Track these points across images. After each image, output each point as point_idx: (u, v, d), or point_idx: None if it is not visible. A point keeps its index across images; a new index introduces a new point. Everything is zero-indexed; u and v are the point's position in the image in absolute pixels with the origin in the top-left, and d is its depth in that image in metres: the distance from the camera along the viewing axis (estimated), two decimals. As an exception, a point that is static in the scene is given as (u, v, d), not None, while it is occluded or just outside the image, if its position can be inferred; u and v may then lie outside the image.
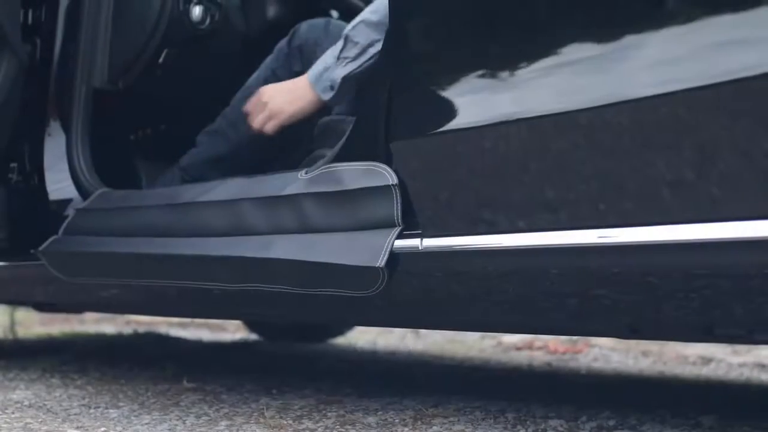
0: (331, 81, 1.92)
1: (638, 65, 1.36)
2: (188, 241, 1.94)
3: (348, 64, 1.88)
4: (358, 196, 1.65)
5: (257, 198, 1.84)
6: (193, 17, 2.38)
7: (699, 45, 1.29)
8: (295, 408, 2.00)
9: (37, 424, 1.82)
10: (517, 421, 1.83)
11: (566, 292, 1.59)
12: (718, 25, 1.28)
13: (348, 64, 1.88)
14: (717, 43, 1.28)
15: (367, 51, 1.85)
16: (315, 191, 1.71)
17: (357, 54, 1.86)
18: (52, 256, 2.20)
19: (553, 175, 1.46)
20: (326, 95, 1.95)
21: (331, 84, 1.93)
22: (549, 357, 3.39)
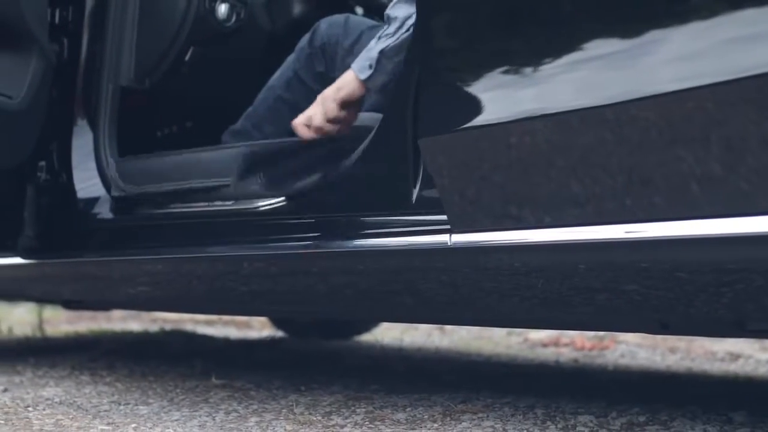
0: (369, 59, 1.85)
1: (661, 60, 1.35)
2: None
3: (387, 39, 1.82)
4: None
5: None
6: (219, 15, 2.39)
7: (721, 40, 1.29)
8: (324, 404, 2.01)
9: (68, 421, 1.83)
10: (546, 417, 1.83)
11: (595, 288, 1.58)
12: (741, 20, 1.27)
13: (387, 39, 1.82)
14: (739, 37, 1.27)
15: (405, 24, 1.80)
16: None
17: (396, 29, 1.81)
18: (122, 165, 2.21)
19: (580, 170, 1.46)
20: (364, 74, 1.86)
21: (369, 63, 1.85)
22: (575, 353, 3.38)
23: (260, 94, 2.28)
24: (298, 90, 2.20)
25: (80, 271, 2.41)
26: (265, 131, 2.23)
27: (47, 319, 4.24)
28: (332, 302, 2.06)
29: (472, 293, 1.76)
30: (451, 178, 1.59)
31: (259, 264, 2.02)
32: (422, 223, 1.66)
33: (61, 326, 4.53)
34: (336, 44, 2.14)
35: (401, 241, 1.72)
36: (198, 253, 2.10)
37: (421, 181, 1.65)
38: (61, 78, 2.33)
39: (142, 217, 2.21)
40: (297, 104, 2.19)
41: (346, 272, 1.88)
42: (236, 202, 2.00)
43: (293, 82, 2.19)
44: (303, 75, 2.19)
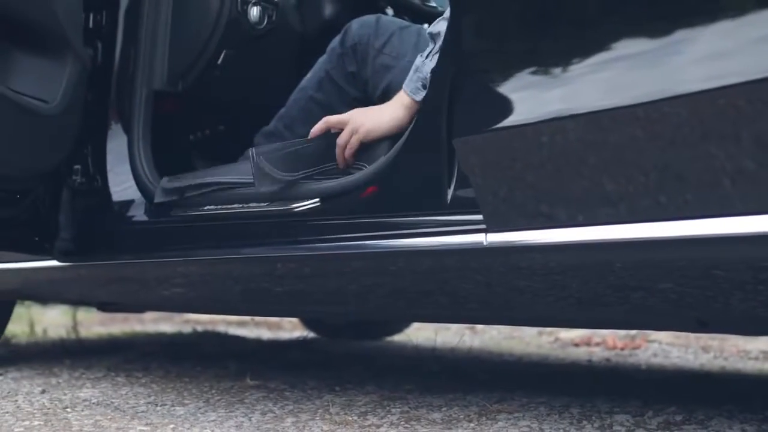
0: (421, 80, 1.82)
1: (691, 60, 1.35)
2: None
3: (435, 56, 1.78)
4: None
5: None
6: (251, 18, 2.40)
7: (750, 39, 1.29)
8: (359, 404, 2.01)
9: (106, 422, 1.85)
10: (582, 416, 1.83)
11: (631, 286, 1.58)
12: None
13: (435, 56, 1.78)
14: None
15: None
16: None
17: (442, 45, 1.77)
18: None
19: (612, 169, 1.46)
20: (419, 95, 1.83)
21: (422, 83, 1.82)
22: (607, 353, 3.37)
23: (292, 95, 2.29)
24: (330, 90, 2.21)
25: (115, 274, 2.43)
26: (297, 132, 2.24)
27: (80, 321, 4.28)
28: (366, 303, 2.06)
29: (506, 293, 1.76)
30: (486, 178, 1.59)
31: (292, 265, 2.03)
32: (457, 223, 1.66)
33: (94, 328, 4.58)
34: (367, 44, 2.15)
35: (436, 241, 1.72)
36: (232, 255, 2.12)
37: (455, 181, 1.65)
38: (95, 82, 2.35)
39: (176, 219, 2.23)
40: (329, 104, 2.21)
41: (380, 273, 1.89)
42: (270, 204, 2.01)
43: (325, 83, 2.20)
44: (334, 75, 2.20)
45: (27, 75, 2.09)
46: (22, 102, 2.02)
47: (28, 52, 2.10)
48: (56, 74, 2.12)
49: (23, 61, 2.10)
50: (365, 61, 2.13)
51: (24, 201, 2.28)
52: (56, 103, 2.11)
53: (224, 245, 2.14)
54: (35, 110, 2.06)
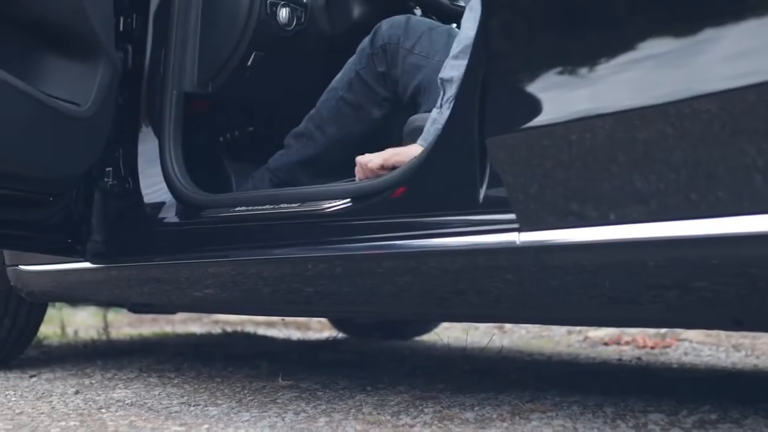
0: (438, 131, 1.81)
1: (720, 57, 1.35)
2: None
3: (450, 104, 1.80)
4: None
5: None
6: (280, 20, 2.41)
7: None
8: (392, 404, 2.02)
9: (141, 422, 1.86)
10: (616, 415, 1.82)
11: (665, 285, 1.57)
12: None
13: (450, 104, 1.80)
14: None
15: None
16: None
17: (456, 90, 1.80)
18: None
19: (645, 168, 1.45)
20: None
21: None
22: (638, 351, 3.36)
23: (322, 96, 2.30)
24: (360, 90, 2.22)
25: (147, 275, 2.44)
26: (327, 133, 2.25)
27: (110, 322, 4.31)
28: (397, 303, 2.06)
29: (538, 292, 1.75)
30: (519, 177, 1.59)
31: (323, 265, 2.04)
32: (489, 223, 1.66)
33: (124, 329, 4.61)
34: (397, 44, 2.15)
35: (468, 241, 1.72)
36: (263, 255, 2.12)
37: (487, 180, 1.65)
38: (126, 85, 2.36)
39: (207, 220, 2.24)
40: (359, 105, 2.21)
41: (412, 272, 1.89)
42: (302, 204, 2.02)
43: (355, 83, 2.21)
44: (364, 75, 2.20)
45: (60, 78, 2.11)
46: (55, 105, 2.04)
47: (61, 56, 2.11)
48: (88, 77, 2.14)
49: (56, 64, 2.11)
50: (395, 61, 2.14)
51: (57, 203, 2.30)
52: (88, 106, 2.12)
53: (255, 246, 2.15)
54: (68, 113, 2.07)
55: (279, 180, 2.32)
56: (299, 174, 2.28)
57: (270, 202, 2.10)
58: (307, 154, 2.29)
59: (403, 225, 1.84)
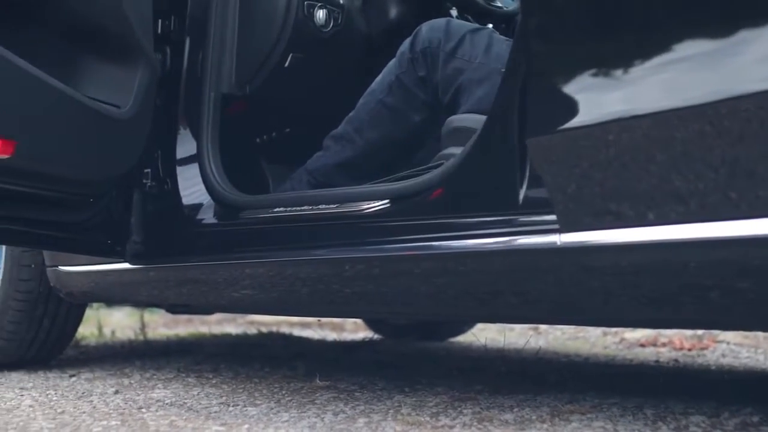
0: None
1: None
2: None
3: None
4: None
5: None
6: (317, 21, 2.42)
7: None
8: (430, 405, 2.02)
9: (182, 422, 1.87)
10: (656, 417, 1.81)
11: (706, 286, 1.56)
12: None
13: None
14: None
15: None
16: None
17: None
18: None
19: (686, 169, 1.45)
20: None
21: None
22: (675, 353, 3.34)
23: (361, 99, 2.30)
24: (400, 94, 2.22)
25: (185, 276, 2.46)
26: (366, 136, 2.26)
27: (146, 322, 4.33)
28: (435, 304, 2.06)
29: (578, 293, 1.75)
30: (561, 178, 1.58)
31: (362, 266, 2.04)
32: (530, 224, 1.66)
33: (159, 330, 4.64)
34: (437, 48, 2.15)
35: (507, 242, 1.72)
36: (302, 256, 2.13)
37: (527, 181, 1.65)
38: (164, 87, 2.38)
39: (245, 221, 2.25)
40: (398, 109, 2.22)
41: (450, 273, 1.89)
42: (340, 205, 2.02)
43: (395, 87, 2.21)
44: (404, 79, 2.20)
45: (100, 81, 2.13)
46: (96, 108, 2.05)
47: (101, 59, 2.13)
48: (128, 79, 2.16)
49: (96, 67, 2.13)
50: (435, 66, 2.14)
51: (97, 205, 2.32)
52: (128, 108, 2.14)
53: (293, 247, 2.15)
54: (108, 115, 2.09)
55: (317, 182, 2.32)
56: (337, 176, 2.29)
57: (308, 203, 2.10)
58: (345, 156, 2.30)
59: (442, 226, 1.84)
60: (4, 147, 1.86)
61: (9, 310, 2.73)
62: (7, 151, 1.87)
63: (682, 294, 1.61)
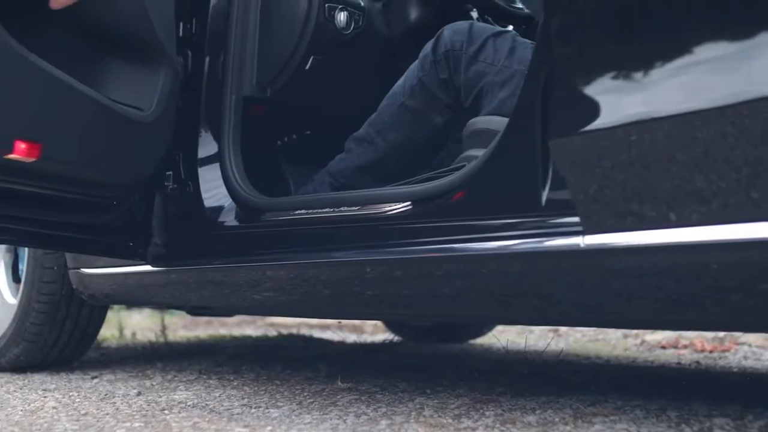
0: None
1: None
2: None
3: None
4: None
5: None
6: (338, 23, 2.42)
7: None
8: (452, 407, 2.02)
9: (205, 423, 1.88)
10: (680, 419, 1.81)
11: (729, 287, 1.55)
12: None
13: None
14: None
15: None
16: None
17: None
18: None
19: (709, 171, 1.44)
20: None
21: None
22: (696, 355, 3.32)
23: (383, 101, 2.30)
24: (422, 97, 2.22)
25: (206, 278, 2.46)
26: (388, 138, 2.26)
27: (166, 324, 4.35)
28: (456, 305, 2.06)
29: (600, 295, 1.74)
30: (584, 180, 1.58)
31: (383, 268, 2.04)
32: (553, 225, 1.66)
33: (179, 332, 4.66)
34: (460, 51, 2.15)
35: (530, 244, 1.72)
36: (322, 258, 2.13)
37: (550, 183, 1.65)
38: (186, 89, 2.39)
39: (267, 223, 2.25)
40: (420, 111, 2.22)
41: (472, 275, 1.88)
42: (362, 207, 2.02)
43: (417, 89, 2.21)
44: (427, 82, 2.20)
45: (123, 84, 2.14)
46: (120, 110, 2.06)
47: (124, 62, 2.14)
48: (151, 82, 2.17)
49: (119, 70, 2.14)
50: (458, 68, 2.13)
51: (120, 207, 2.33)
52: (151, 111, 2.15)
53: (315, 249, 2.16)
54: (132, 118, 2.10)
55: (339, 184, 2.33)
56: (359, 178, 2.29)
57: (330, 205, 2.11)
58: (367, 158, 2.30)
59: (464, 228, 1.84)
60: (30, 150, 1.87)
61: (32, 312, 2.75)
62: (33, 155, 1.88)
63: (705, 296, 1.60)
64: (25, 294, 2.78)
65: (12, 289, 2.91)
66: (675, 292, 1.61)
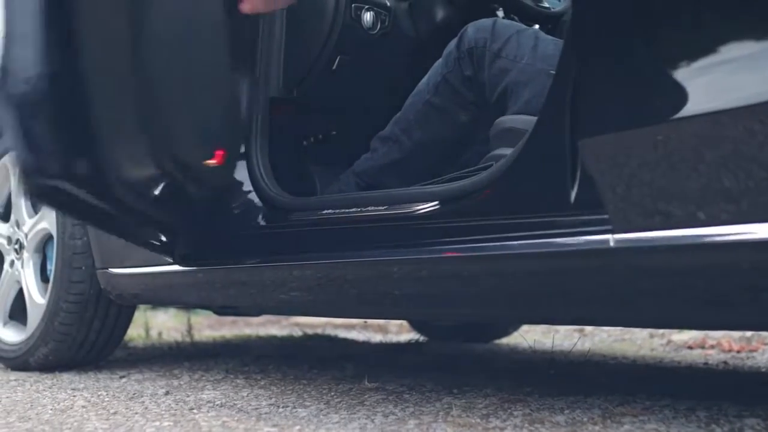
0: None
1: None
2: None
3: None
4: None
5: None
6: (365, 23, 2.42)
7: None
8: (480, 406, 2.01)
9: (234, 423, 1.88)
10: (710, 419, 1.80)
11: (760, 287, 1.55)
12: None
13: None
14: None
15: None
16: None
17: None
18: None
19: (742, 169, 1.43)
20: None
21: None
22: (724, 355, 3.30)
23: (408, 100, 2.30)
24: (447, 94, 2.22)
25: (233, 278, 2.47)
26: (413, 136, 2.26)
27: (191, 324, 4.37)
28: (484, 305, 2.06)
29: (629, 294, 1.74)
30: (613, 178, 1.57)
31: (410, 268, 2.04)
32: (582, 224, 1.65)
33: (204, 331, 4.67)
34: (484, 48, 2.15)
35: (559, 242, 1.71)
36: (349, 258, 2.13)
37: (579, 182, 1.64)
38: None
39: (294, 223, 2.26)
40: (446, 108, 2.22)
41: (501, 275, 1.88)
42: (389, 207, 2.03)
43: (441, 87, 2.21)
44: (451, 79, 2.20)
45: None
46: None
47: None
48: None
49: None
50: (482, 65, 2.13)
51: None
52: None
53: (341, 249, 2.16)
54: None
55: (365, 183, 2.33)
56: (385, 177, 2.29)
57: (357, 205, 2.11)
58: (393, 157, 2.30)
59: (493, 227, 1.83)
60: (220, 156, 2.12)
61: (60, 312, 2.77)
62: (220, 160, 2.10)
63: (735, 295, 1.60)
64: (54, 294, 2.80)
65: (40, 289, 2.93)
66: (705, 292, 1.61)
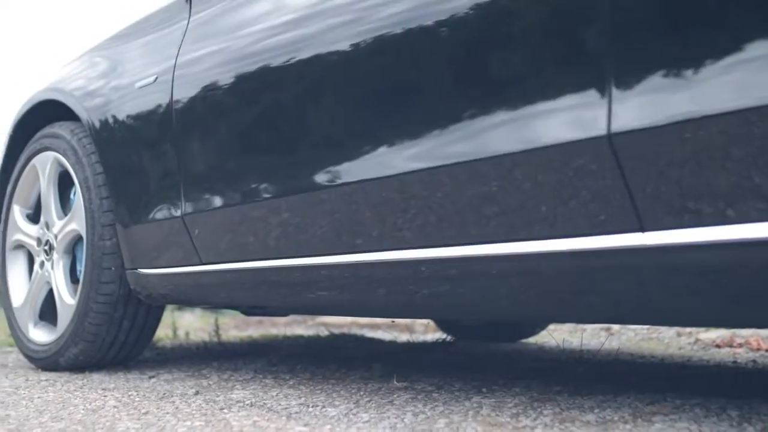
0: None
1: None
2: None
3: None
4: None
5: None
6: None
7: None
8: (509, 406, 2.01)
9: (264, 422, 1.89)
10: (741, 418, 1.79)
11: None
12: None
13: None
14: None
15: None
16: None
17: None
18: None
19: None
20: None
21: None
22: (752, 354, 3.28)
23: None
24: None
25: (260, 278, 2.48)
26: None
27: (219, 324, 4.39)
28: (513, 304, 2.06)
29: (660, 292, 1.73)
30: (643, 177, 1.57)
31: (437, 267, 2.04)
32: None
33: (231, 332, 4.69)
34: None
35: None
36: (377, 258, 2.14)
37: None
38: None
39: (321, 223, 2.26)
40: None
41: (529, 274, 1.88)
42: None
43: None
44: None
45: None
46: None
47: None
48: None
49: None
50: None
51: None
52: None
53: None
54: None
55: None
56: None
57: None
58: None
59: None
60: None
61: (90, 312, 2.79)
62: None
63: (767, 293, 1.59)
64: (84, 294, 2.82)
65: (70, 290, 2.96)
66: (737, 289, 1.60)
